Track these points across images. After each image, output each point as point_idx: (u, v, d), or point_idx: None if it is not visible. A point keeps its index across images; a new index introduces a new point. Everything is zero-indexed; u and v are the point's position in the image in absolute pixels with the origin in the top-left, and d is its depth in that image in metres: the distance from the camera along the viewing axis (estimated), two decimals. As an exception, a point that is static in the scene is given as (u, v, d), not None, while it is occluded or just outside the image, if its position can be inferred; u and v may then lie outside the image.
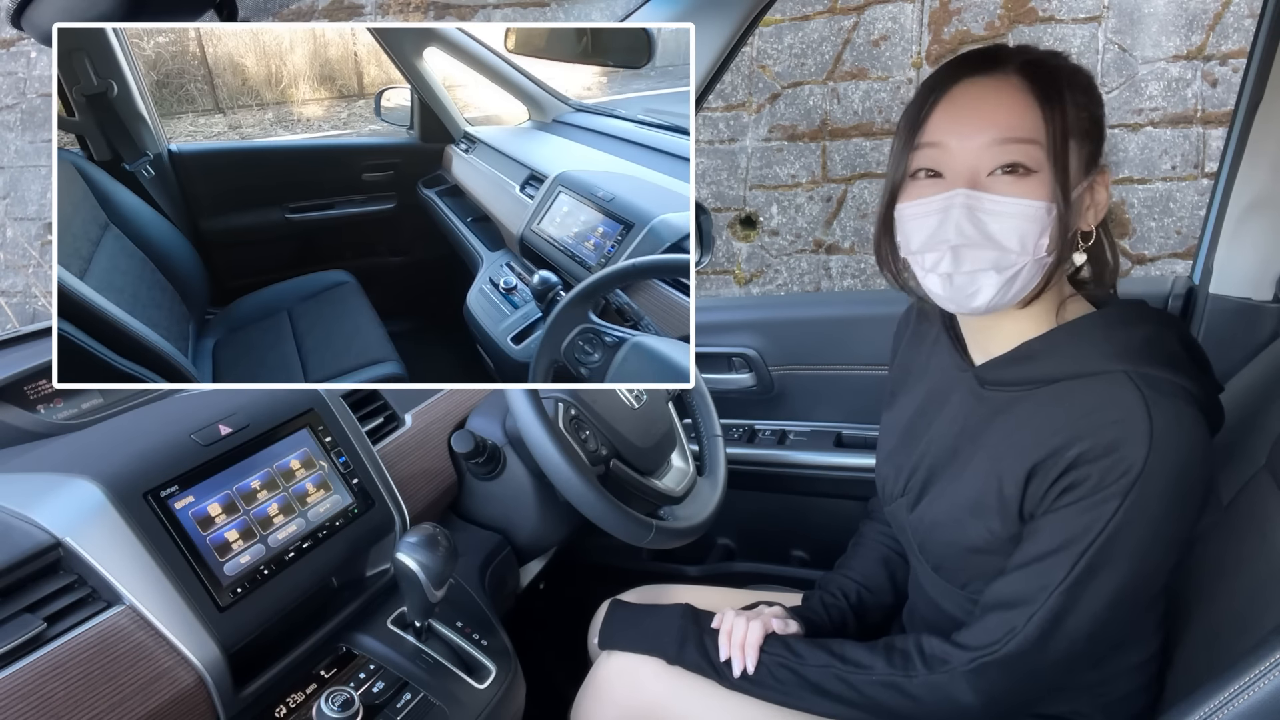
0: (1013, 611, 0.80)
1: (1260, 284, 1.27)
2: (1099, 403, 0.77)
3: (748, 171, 3.23)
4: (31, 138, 4.39)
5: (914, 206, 0.82)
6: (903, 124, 0.84)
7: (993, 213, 0.78)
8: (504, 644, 1.03)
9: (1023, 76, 0.79)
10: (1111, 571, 0.77)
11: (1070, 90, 0.80)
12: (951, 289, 0.82)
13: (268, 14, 0.89)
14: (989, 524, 0.84)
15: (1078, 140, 0.79)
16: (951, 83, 0.81)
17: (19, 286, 4.38)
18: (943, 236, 0.80)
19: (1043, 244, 0.79)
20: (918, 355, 1.01)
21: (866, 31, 3.06)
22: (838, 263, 3.14)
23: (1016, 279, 0.80)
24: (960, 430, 0.89)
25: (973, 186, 0.78)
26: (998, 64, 0.81)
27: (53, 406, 0.98)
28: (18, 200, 4.41)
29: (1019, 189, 0.78)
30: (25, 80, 4.41)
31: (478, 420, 1.21)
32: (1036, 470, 0.80)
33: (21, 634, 0.70)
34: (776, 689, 0.93)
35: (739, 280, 3.27)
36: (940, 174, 0.81)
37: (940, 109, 0.81)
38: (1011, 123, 0.78)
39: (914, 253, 0.84)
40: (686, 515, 1.19)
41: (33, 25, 0.66)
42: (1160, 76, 2.76)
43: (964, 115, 0.80)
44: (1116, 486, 0.75)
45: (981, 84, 0.80)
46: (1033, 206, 0.77)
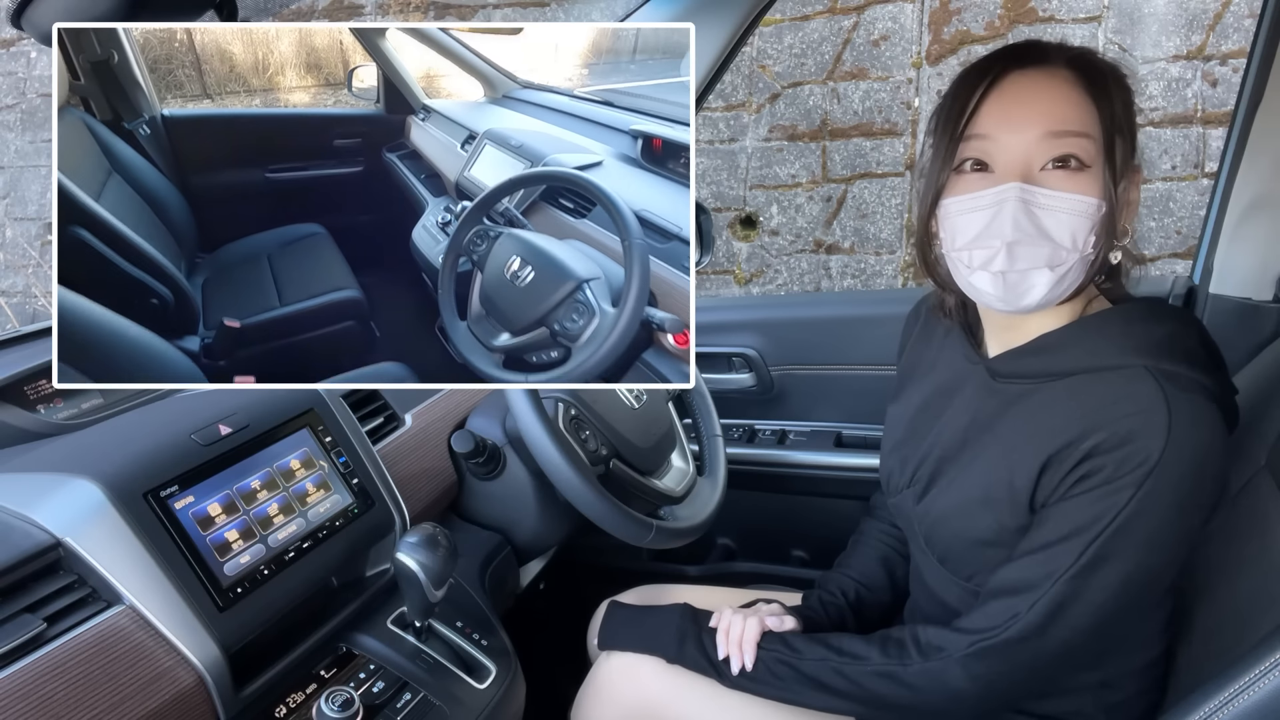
0: (1017, 597, 0.80)
1: (1260, 284, 1.27)
2: (1117, 395, 0.77)
3: (748, 171, 3.23)
4: (31, 138, 4.39)
5: (963, 201, 0.80)
6: (944, 116, 0.82)
7: (1048, 208, 0.77)
8: (504, 644, 1.03)
9: (1072, 70, 0.79)
10: (1118, 562, 0.76)
11: (1117, 85, 0.79)
12: (1004, 287, 0.79)
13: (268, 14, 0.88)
14: (998, 516, 0.83)
15: (1123, 136, 0.79)
16: (1000, 74, 0.80)
17: (19, 286, 4.39)
18: (997, 232, 0.78)
19: (1090, 240, 0.78)
20: (927, 350, 1.01)
21: (866, 31, 3.06)
22: (838, 263, 3.14)
23: (1066, 276, 0.79)
24: (970, 422, 0.88)
25: (1026, 180, 0.77)
26: (1045, 57, 0.80)
27: (53, 406, 0.98)
28: (18, 200, 4.41)
29: (1072, 184, 0.77)
30: (25, 80, 4.41)
31: (478, 420, 1.21)
32: (1051, 461, 0.79)
33: (21, 634, 0.70)
34: (774, 685, 0.93)
35: (739, 280, 3.27)
36: (988, 167, 0.80)
37: (991, 99, 0.79)
38: (1065, 115, 0.77)
39: (960, 249, 0.81)
40: (686, 515, 1.19)
41: (33, 25, 0.66)
42: (1160, 76, 2.76)
43: (1015, 107, 0.78)
44: (1131, 477, 0.74)
45: (1032, 76, 0.79)
46: (1086, 203, 0.77)
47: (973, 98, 0.80)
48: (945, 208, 0.82)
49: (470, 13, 3.61)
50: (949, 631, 0.85)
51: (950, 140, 0.81)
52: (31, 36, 0.68)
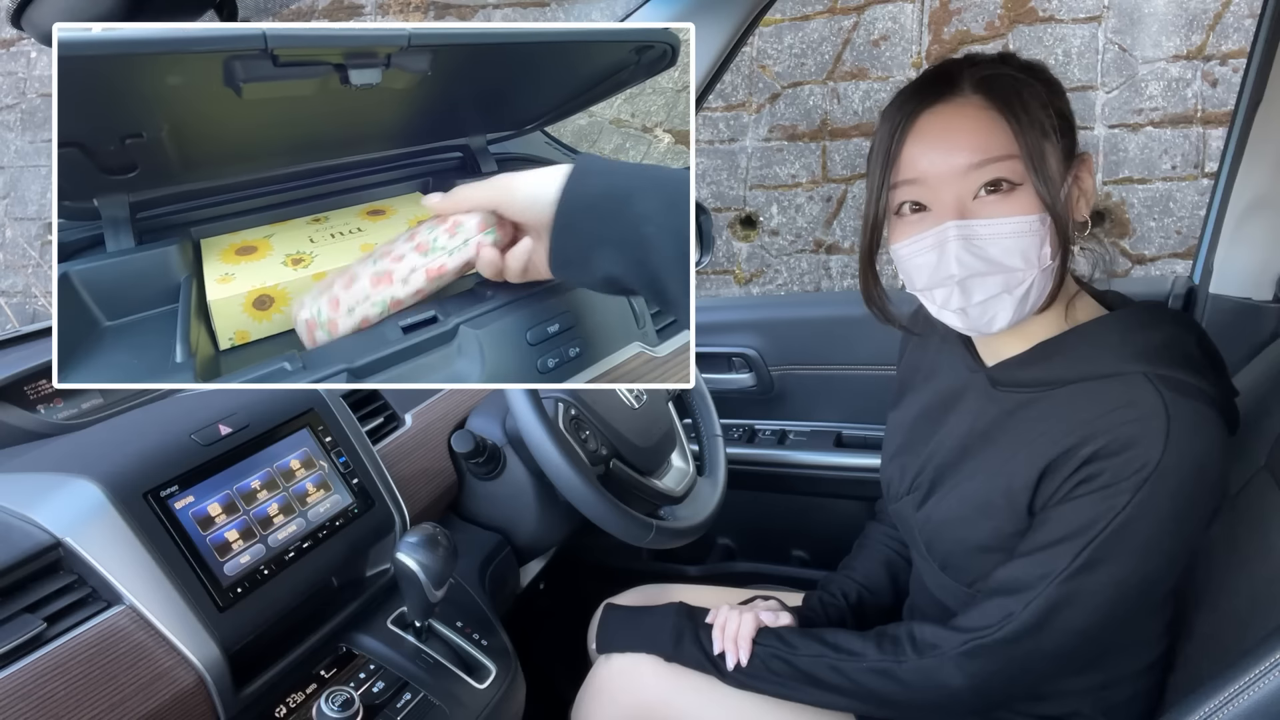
0: (1012, 597, 0.80)
1: (1260, 284, 1.27)
2: (1117, 402, 0.77)
3: (748, 171, 3.23)
4: (31, 138, 4.39)
5: (908, 245, 0.82)
6: (874, 163, 0.83)
7: (988, 237, 0.78)
8: (504, 644, 1.03)
9: (981, 94, 0.78)
10: (1114, 566, 0.76)
11: (1030, 94, 0.78)
12: (968, 320, 0.82)
13: (268, 14, 0.88)
14: (998, 522, 0.84)
15: (1051, 140, 0.78)
16: (913, 114, 0.80)
17: (19, 286, 4.38)
18: (946, 272, 0.79)
19: (1045, 253, 0.78)
20: (925, 354, 1.01)
21: (866, 31, 3.06)
22: (838, 263, 3.14)
23: (1029, 294, 0.79)
24: (970, 430, 0.89)
25: (961, 216, 0.78)
26: (952, 86, 0.80)
27: (53, 406, 0.98)
28: (18, 200, 4.41)
29: (1007, 207, 0.77)
30: (25, 80, 4.41)
31: (478, 420, 1.21)
32: (1050, 468, 0.79)
33: (21, 634, 0.70)
34: (771, 680, 0.93)
35: (739, 280, 3.27)
36: (925, 206, 0.81)
37: (909, 143, 0.80)
38: (984, 143, 0.77)
39: (921, 290, 0.83)
40: (686, 515, 1.19)
41: (33, 25, 0.66)
42: (1160, 76, 2.76)
43: (935, 145, 0.79)
44: (1129, 482, 0.74)
45: (941, 113, 0.79)
46: (1025, 222, 0.77)
47: (891, 144, 0.81)
48: (896, 252, 0.84)
49: (470, 13, 3.61)
50: (944, 629, 0.85)
51: (881, 186, 0.82)
52: (31, 36, 0.67)
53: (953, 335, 0.96)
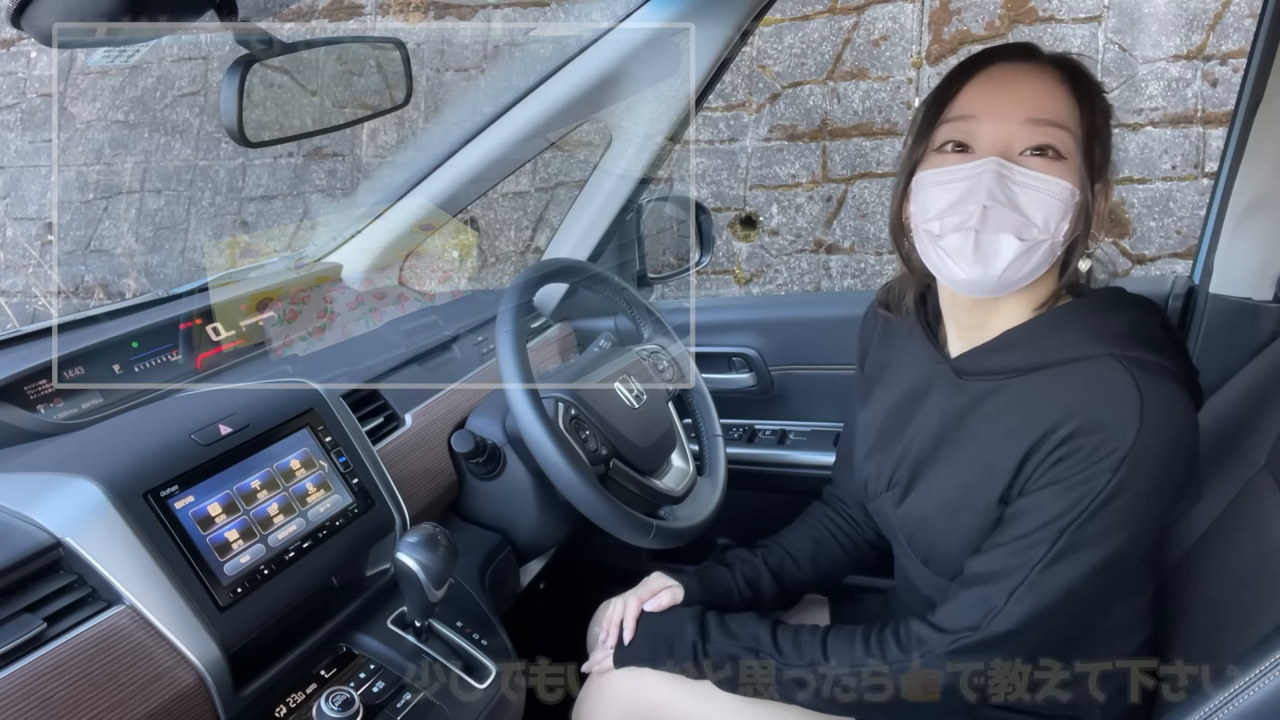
0: (991, 587, 0.81)
1: (1260, 284, 1.27)
2: (1088, 384, 0.78)
3: (748, 171, 3.23)
4: (31, 138, 4.39)
5: (939, 174, 0.81)
6: (927, 102, 0.84)
7: (1023, 185, 0.78)
8: (504, 644, 1.03)
9: (1059, 69, 0.81)
10: (1095, 546, 0.77)
11: (1098, 95, 0.82)
12: (973, 246, 0.79)
13: (268, 14, 0.88)
14: (978, 514, 0.84)
15: (1101, 141, 0.81)
16: (987, 63, 0.82)
17: (19, 286, 4.38)
18: (973, 199, 0.79)
19: (1063, 228, 0.79)
20: (890, 351, 1.01)
21: (866, 31, 3.06)
22: (838, 263, 3.14)
23: (1033, 255, 0.80)
24: (940, 423, 0.89)
25: (1004, 158, 0.79)
26: (1033, 54, 0.83)
27: (53, 406, 0.98)
28: (18, 200, 4.41)
29: (1049, 169, 0.79)
30: (25, 80, 4.41)
31: (478, 420, 1.21)
32: (1030, 454, 0.80)
33: (21, 634, 0.70)
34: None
35: (739, 280, 3.27)
36: (968, 148, 0.81)
37: (974, 84, 0.82)
38: (1047, 105, 0.79)
39: (931, 219, 0.82)
40: (686, 515, 1.19)
41: (33, 25, 0.66)
42: (1160, 76, 2.76)
43: (1000, 91, 0.81)
44: (1105, 463, 0.75)
45: (1018, 66, 0.82)
46: (1061, 186, 0.78)
47: (953, 84, 0.83)
48: (919, 180, 0.83)
49: (470, 13, 3.60)
50: (930, 628, 0.85)
51: (931, 122, 0.83)
52: (31, 36, 0.67)
53: (916, 329, 0.96)
